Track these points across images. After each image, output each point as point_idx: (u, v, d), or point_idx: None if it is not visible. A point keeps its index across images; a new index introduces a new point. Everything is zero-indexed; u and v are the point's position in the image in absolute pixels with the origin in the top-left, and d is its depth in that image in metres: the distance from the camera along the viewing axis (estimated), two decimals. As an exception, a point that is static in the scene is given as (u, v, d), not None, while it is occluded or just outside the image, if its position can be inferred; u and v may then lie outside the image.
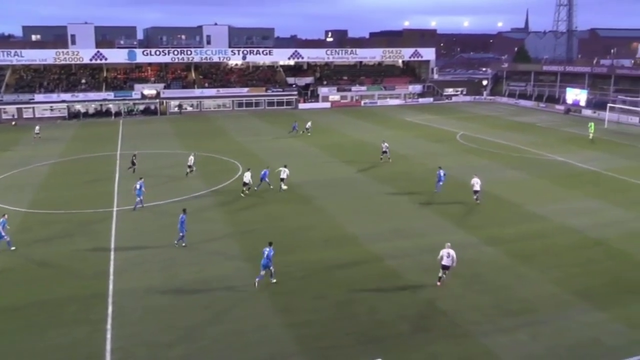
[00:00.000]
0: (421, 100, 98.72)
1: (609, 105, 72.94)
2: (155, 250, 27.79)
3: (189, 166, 43.24)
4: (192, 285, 23.75)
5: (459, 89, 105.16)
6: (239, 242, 28.91)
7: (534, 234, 30.15)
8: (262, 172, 39.15)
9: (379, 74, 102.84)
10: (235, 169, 45.21)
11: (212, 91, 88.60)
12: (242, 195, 37.76)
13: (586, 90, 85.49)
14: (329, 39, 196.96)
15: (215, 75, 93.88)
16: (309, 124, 64.19)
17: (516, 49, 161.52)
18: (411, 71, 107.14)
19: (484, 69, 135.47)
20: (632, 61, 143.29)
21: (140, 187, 34.36)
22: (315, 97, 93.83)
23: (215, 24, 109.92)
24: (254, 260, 26.28)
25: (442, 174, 38.52)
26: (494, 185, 40.23)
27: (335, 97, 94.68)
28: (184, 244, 27.96)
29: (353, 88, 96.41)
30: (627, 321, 20.49)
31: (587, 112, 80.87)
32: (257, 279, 23.64)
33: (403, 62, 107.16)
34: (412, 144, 55.79)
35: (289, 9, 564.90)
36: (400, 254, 27.19)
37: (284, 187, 38.81)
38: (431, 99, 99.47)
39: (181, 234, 27.94)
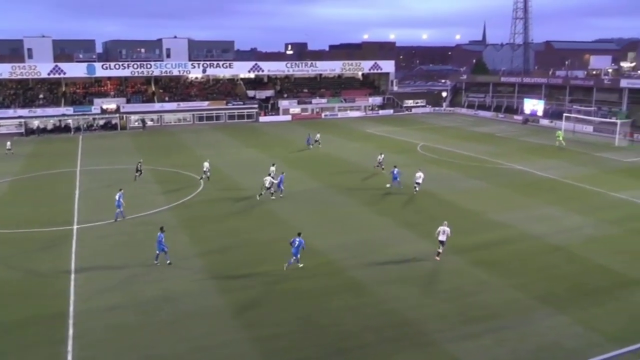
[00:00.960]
0: (381, 112, 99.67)
1: (564, 115, 74.83)
2: (118, 267, 27.30)
3: (204, 172, 45.43)
4: (155, 302, 23.39)
5: (419, 101, 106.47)
6: (203, 257, 28.62)
7: (496, 241, 30.72)
8: (279, 177, 40.74)
9: (339, 87, 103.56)
10: (196, 184, 44.82)
11: (173, 105, 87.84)
12: (257, 197, 39.63)
13: (543, 101, 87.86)
14: (289, 52, 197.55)
15: (175, 89, 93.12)
16: (318, 135, 64.29)
17: (474, 61, 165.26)
18: (371, 83, 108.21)
19: (443, 81, 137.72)
20: (585, 72, 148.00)
21: (119, 198, 34.63)
22: (276, 110, 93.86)
23: (175, 37, 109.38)
24: (218, 275, 26.23)
25: (396, 172, 42.14)
26: (456, 194, 40.91)
27: (295, 109, 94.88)
28: (168, 262, 27.45)
29: (313, 100, 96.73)
30: (587, 324, 21.06)
31: (545, 122, 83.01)
32: (286, 264, 26.73)
33: (363, 74, 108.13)
34: (373, 155, 56.11)
35: (248, 22, 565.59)
36: (365, 264, 27.33)
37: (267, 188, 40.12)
38: (391, 111, 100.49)
39: (159, 252, 27.39)
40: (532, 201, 39.04)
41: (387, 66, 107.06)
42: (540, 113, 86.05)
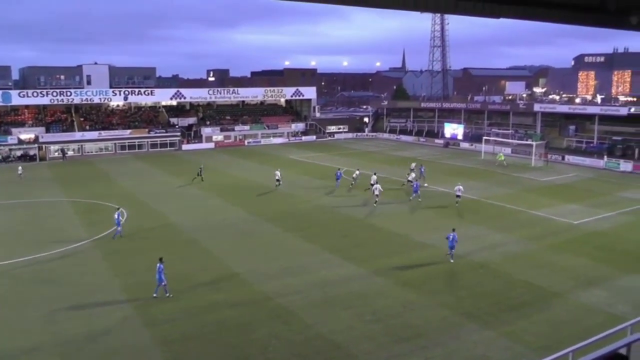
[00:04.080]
0: (304, 138, 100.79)
1: (484, 138, 78.30)
2: (36, 306, 25.86)
3: (277, 180, 52.85)
4: (78, 341, 22.25)
5: (341, 127, 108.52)
6: (127, 291, 27.61)
7: (421, 262, 31.50)
8: (415, 185, 47.78)
9: (262, 113, 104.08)
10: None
11: (94, 134, 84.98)
12: (374, 205, 45.03)
13: (463, 125, 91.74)
14: (211, 79, 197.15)
15: (96, 117, 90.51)
16: (357, 172, 56.77)
17: (395, 87, 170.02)
18: (293, 110, 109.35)
19: (364, 107, 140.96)
20: (502, 97, 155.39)
21: (118, 216, 36.74)
22: (198, 137, 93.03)
23: (96, 63, 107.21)
24: (143, 309, 25.49)
25: (340, 174, 53.67)
26: (379, 218, 41.80)
27: (218, 137, 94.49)
28: (167, 294, 26.51)
29: (236, 127, 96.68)
30: (512, 336, 21.93)
31: (465, 145, 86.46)
32: (450, 257, 31.21)
33: (285, 100, 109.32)
34: (296, 181, 56.56)
35: (169, 48, 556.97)
36: (290, 291, 27.31)
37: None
38: (314, 137, 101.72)
39: (163, 284, 26.55)
40: (454, 221, 40.28)
41: (309, 92, 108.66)
42: (460, 137, 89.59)
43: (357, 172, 55.77)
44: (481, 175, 60.24)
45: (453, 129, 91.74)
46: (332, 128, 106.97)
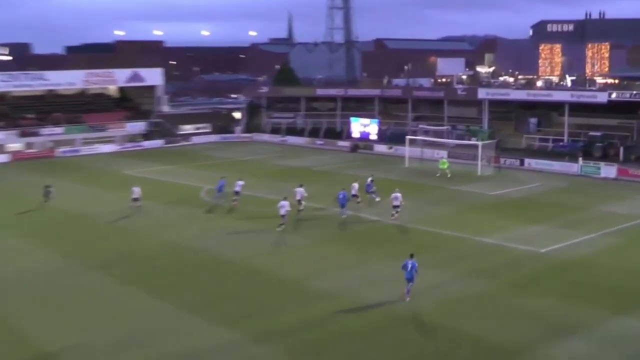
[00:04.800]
0: (147, 143, 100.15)
1: (407, 137, 79.71)
2: None
3: (135, 199, 54.31)
4: None
5: (201, 126, 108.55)
6: None
7: (322, 318, 31.38)
8: (341, 196, 51.03)
9: (83, 108, 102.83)
10: None
11: None
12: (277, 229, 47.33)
13: (377, 120, 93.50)
14: (4, 57, 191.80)
15: None
16: (240, 183, 57.33)
17: (278, 66, 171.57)
18: (130, 102, 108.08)
19: (234, 96, 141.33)
20: (432, 80, 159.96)
21: None
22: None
23: None
24: None
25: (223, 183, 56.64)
26: (263, 257, 41.87)
27: (16, 145, 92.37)
28: None
29: (44, 131, 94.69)
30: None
31: (381, 148, 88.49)
32: (407, 294, 32.82)
33: (118, 89, 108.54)
34: (138, 210, 55.40)
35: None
36: (131, 373, 26.59)
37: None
38: (162, 142, 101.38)
39: None
40: (369, 257, 40.71)
41: (153, 76, 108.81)
42: (374, 136, 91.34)
43: (241, 182, 55.90)
44: (407, 191, 60.71)
45: (363, 126, 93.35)
46: (188, 128, 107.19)
